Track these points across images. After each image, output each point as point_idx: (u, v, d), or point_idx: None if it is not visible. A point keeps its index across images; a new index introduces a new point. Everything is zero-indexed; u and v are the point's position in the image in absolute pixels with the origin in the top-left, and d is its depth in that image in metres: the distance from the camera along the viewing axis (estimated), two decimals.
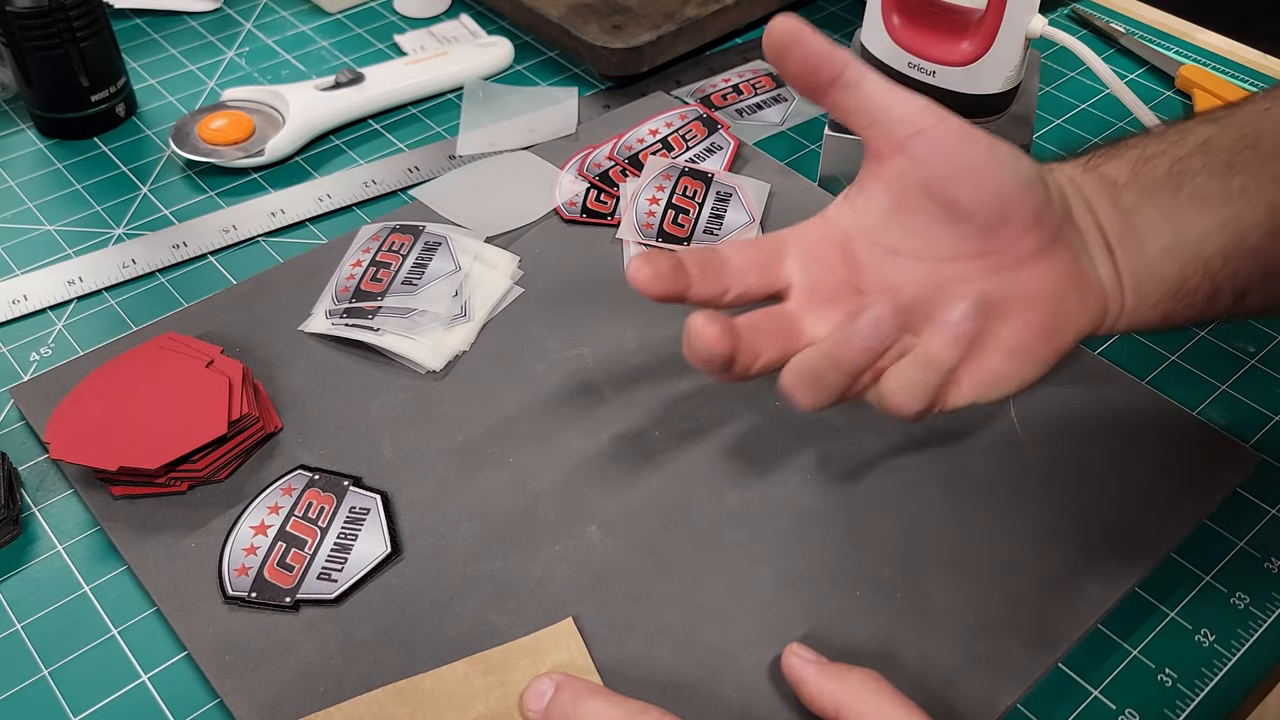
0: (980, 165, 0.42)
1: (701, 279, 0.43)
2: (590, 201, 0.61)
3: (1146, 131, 0.47)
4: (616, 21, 0.70)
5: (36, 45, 0.63)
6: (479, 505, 0.47)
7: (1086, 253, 0.44)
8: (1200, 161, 0.44)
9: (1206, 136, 0.45)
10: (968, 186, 0.42)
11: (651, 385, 0.51)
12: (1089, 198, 0.44)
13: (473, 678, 0.40)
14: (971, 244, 0.43)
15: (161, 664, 0.43)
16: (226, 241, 0.60)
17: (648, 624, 0.43)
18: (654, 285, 0.42)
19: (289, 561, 0.44)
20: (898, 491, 0.47)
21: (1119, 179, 0.45)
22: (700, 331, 0.40)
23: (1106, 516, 0.46)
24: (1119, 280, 0.44)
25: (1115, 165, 0.45)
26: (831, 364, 0.41)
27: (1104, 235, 0.44)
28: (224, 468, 0.47)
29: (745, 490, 0.47)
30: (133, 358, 0.50)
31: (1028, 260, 0.43)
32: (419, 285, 0.54)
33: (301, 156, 0.66)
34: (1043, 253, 0.43)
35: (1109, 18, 0.78)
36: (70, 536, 0.47)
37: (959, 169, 0.42)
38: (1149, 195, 0.44)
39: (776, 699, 0.40)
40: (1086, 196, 0.44)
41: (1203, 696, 0.42)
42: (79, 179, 0.65)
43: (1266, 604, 0.45)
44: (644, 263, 0.41)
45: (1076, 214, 0.44)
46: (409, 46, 0.75)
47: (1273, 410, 0.52)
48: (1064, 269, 0.43)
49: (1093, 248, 0.44)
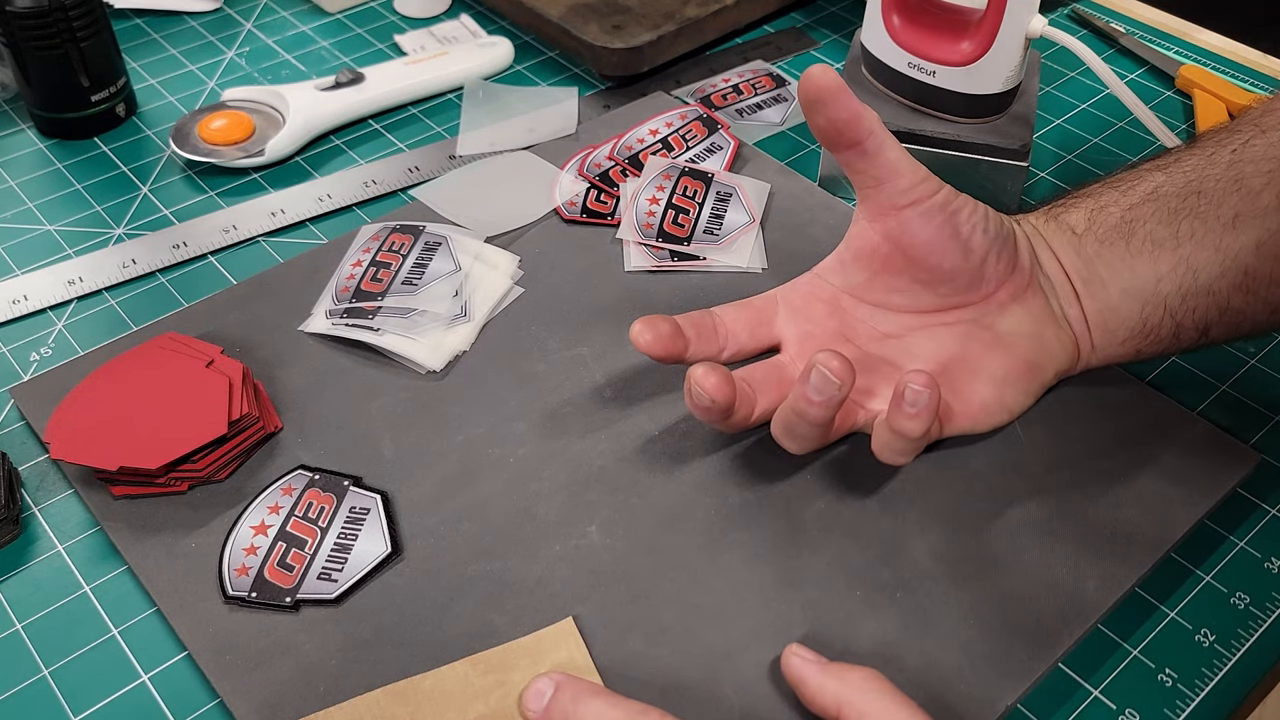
0: (963, 234, 0.45)
1: (698, 340, 0.47)
2: (590, 201, 0.61)
3: (1101, 179, 0.50)
4: (616, 21, 0.70)
5: (36, 45, 0.63)
6: (479, 505, 0.47)
7: (1055, 296, 0.48)
8: (1150, 209, 0.47)
9: (1156, 185, 0.48)
10: (950, 255, 0.46)
11: (651, 385, 0.51)
12: (1054, 246, 0.48)
13: (473, 678, 0.41)
14: (953, 299, 0.47)
15: (161, 664, 0.43)
16: (226, 241, 0.60)
17: (648, 624, 0.43)
18: (655, 348, 0.46)
19: (289, 561, 0.44)
20: (898, 491, 0.47)
21: (1077, 227, 0.48)
22: (700, 381, 0.43)
23: (1106, 516, 0.46)
24: (1085, 321, 0.48)
25: (1075, 214, 0.49)
26: (798, 417, 0.43)
27: (1069, 280, 0.48)
28: (224, 468, 0.47)
29: (745, 490, 0.47)
30: (133, 358, 0.50)
31: (1005, 306, 0.47)
32: (419, 285, 0.54)
33: (301, 156, 0.66)
34: (1018, 298, 0.47)
35: (1109, 18, 0.78)
36: (70, 536, 0.47)
37: (942, 239, 0.45)
38: (1105, 243, 0.48)
39: (776, 699, 0.40)
40: (1051, 245, 0.48)
41: (1203, 696, 0.42)
42: (79, 179, 0.65)
43: (1266, 604, 0.45)
44: (645, 327, 0.46)
45: (1043, 262, 0.48)
46: (409, 46, 0.75)
47: (1273, 410, 0.52)
48: (1038, 311, 0.47)
49: (1060, 292, 0.48)
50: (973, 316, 0.47)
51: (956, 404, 0.46)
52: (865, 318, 0.48)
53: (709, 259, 0.57)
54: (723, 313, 0.49)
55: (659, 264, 0.57)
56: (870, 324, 0.48)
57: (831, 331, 0.48)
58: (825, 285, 0.49)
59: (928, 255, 0.46)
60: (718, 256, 0.57)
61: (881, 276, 0.48)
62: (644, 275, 0.57)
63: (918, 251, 0.46)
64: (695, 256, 0.57)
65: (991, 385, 0.46)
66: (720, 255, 0.57)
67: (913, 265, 0.46)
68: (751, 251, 0.57)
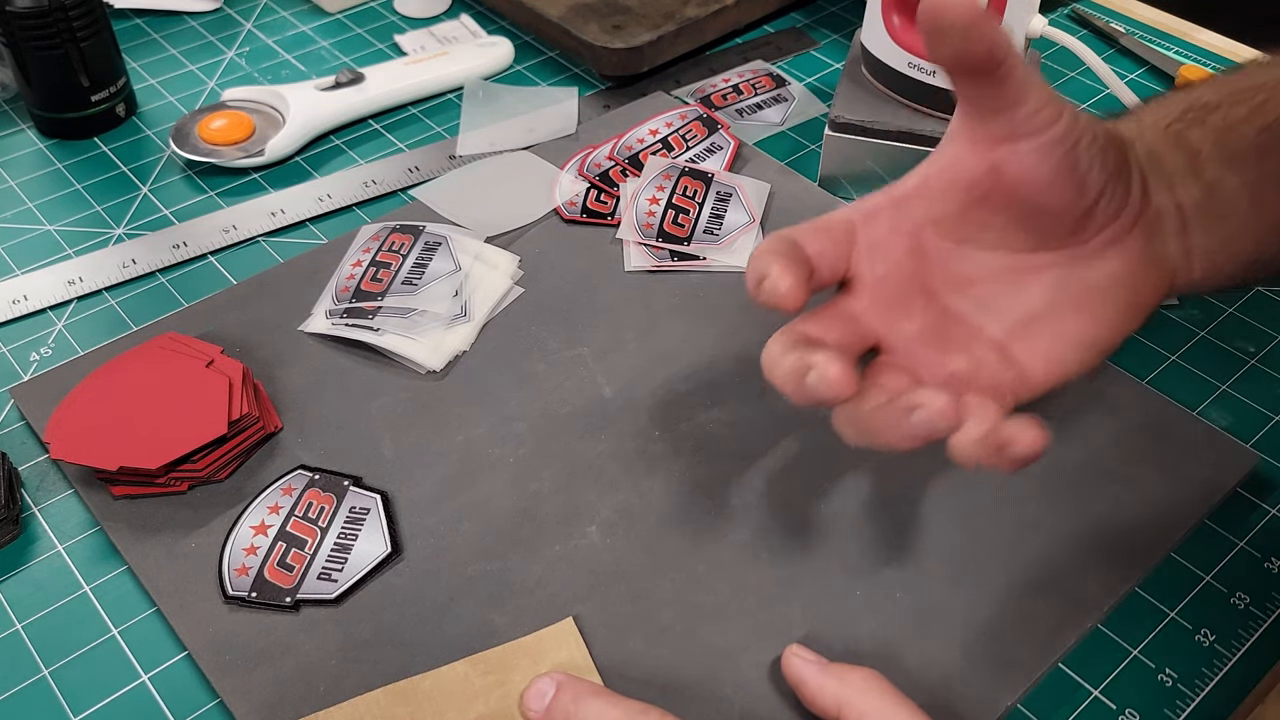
0: (1080, 170, 0.39)
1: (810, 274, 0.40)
2: (590, 201, 0.61)
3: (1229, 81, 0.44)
4: (616, 21, 0.70)
5: (36, 45, 0.63)
6: (479, 505, 0.47)
7: (1161, 235, 0.42)
8: None
9: None
10: (1062, 194, 0.39)
11: (651, 385, 0.51)
12: (1170, 172, 0.42)
13: (473, 678, 0.40)
14: (1050, 240, 0.41)
15: (161, 664, 0.43)
16: (226, 241, 0.60)
17: (648, 624, 0.43)
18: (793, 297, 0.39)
19: (289, 561, 0.44)
20: (898, 491, 0.47)
21: (1202, 148, 0.42)
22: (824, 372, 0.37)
23: (1106, 516, 0.46)
24: (1190, 257, 0.42)
25: (1198, 133, 0.42)
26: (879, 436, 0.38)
27: (1181, 213, 0.42)
28: (224, 468, 0.47)
29: (745, 490, 0.47)
30: (133, 358, 0.50)
31: (1102, 250, 0.41)
32: (419, 285, 0.54)
33: (301, 156, 0.66)
34: (1118, 241, 0.41)
35: (1109, 18, 0.78)
36: (70, 536, 0.47)
37: (1057, 177, 0.39)
38: (1232, 167, 0.41)
39: (776, 699, 0.40)
40: (1168, 171, 0.42)
41: (1203, 696, 0.42)
42: (79, 179, 0.65)
43: (1266, 604, 0.45)
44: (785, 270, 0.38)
45: (1155, 194, 0.42)
46: (409, 46, 0.75)
47: (1273, 410, 0.52)
48: (1137, 254, 0.41)
49: (1167, 227, 0.42)
50: (1066, 261, 0.41)
51: (1037, 370, 0.40)
52: (948, 259, 0.42)
53: (709, 259, 0.57)
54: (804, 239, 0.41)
55: (659, 264, 0.57)
56: (951, 266, 0.42)
57: (908, 277, 0.42)
58: (908, 216, 0.42)
59: (1037, 194, 0.39)
60: (718, 256, 0.57)
61: (975, 211, 0.41)
62: (644, 275, 0.57)
63: (1026, 189, 0.39)
64: (695, 256, 0.57)
65: (1076, 346, 0.41)
66: (720, 255, 0.57)
67: (1015, 202, 0.40)
68: (751, 251, 0.57)
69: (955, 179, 0.41)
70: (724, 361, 0.52)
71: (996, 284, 0.41)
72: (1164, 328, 0.56)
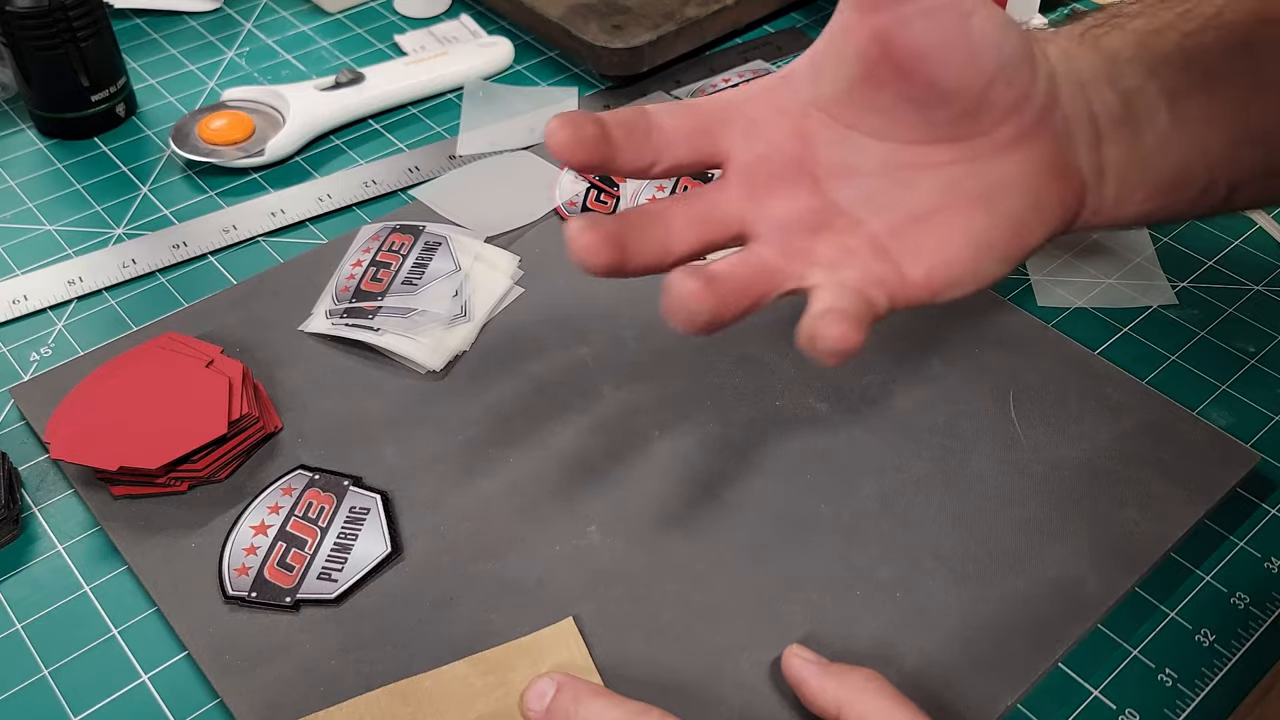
0: (973, 42, 0.36)
1: (626, 145, 0.38)
2: (590, 201, 0.61)
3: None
4: (616, 21, 0.70)
5: (36, 45, 0.63)
6: (479, 505, 0.47)
7: (1070, 142, 0.39)
8: (1214, 36, 0.39)
9: (1219, 7, 0.40)
10: (952, 68, 0.37)
11: (651, 385, 0.51)
12: (1083, 78, 0.39)
13: (473, 678, 0.40)
14: (942, 129, 0.38)
15: (161, 664, 0.43)
16: (226, 241, 0.60)
17: (648, 624, 0.43)
18: (576, 152, 0.37)
19: (289, 561, 0.44)
20: (898, 491, 0.47)
21: (1121, 53, 0.39)
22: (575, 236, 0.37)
23: (1106, 516, 0.46)
24: (1102, 173, 0.39)
25: (1117, 37, 0.40)
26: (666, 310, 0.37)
27: (1095, 123, 0.39)
28: (224, 468, 0.47)
29: (745, 490, 0.47)
30: (133, 358, 0.50)
31: (1003, 148, 0.38)
32: (419, 285, 0.54)
33: (301, 156, 0.66)
34: (1021, 141, 0.38)
35: None
36: (70, 536, 0.47)
37: (946, 46, 0.36)
38: (1153, 74, 0.39)
39: (776, 699, 0.40)
40: (1081, 77, 0.39)
41: (1203, 696, 0.42)
42: (79, 179, 0.65)
43: (1266, 604, 0.45)
44: (563, 124, 0.36)
45: (1065, 98, 0.39)
46: (409, 46, 0.75)
47: (1273, 410, 0.52)
48: (1043, 159, 0.38)
49: (1078, 136, 0.39)
50: (963, 158, 0.38)
51: (918, 270, 0.37)
52: (834, 144, 0.39)
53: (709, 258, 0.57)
54: (659, 115, 0.39)
55: None
56: (838, 154, 0.39)
57: (789, 159, 0.39)
58: (793, 96, 0.39)
59: (925, 65, 0.36)
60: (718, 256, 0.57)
61: (863, 88, 0.38)
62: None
63: (913, 60, 0.36)
64: None
65: (968, 249, 0.38)
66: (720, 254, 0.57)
67: (903, 77, 0.37)
68: None
69: (843, 51, 0.38)
70: (723, 362, 0.52)
71: (884, 177, 0.39)
72: (1164, 328, 0.56)
